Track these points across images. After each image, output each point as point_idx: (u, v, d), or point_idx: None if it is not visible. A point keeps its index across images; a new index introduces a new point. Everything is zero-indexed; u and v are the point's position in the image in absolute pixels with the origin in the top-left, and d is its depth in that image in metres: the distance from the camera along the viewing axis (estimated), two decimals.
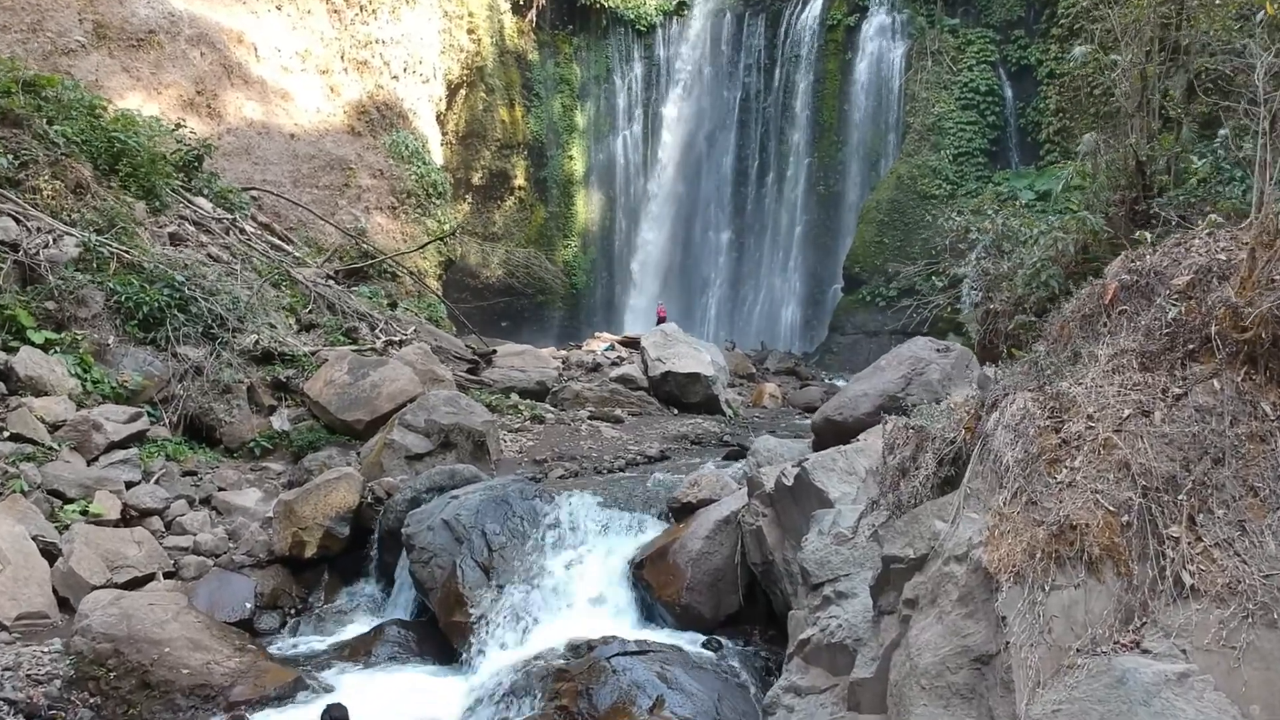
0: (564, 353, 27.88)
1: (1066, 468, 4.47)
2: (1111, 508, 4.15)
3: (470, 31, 35.43)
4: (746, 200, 43.04)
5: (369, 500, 9.48)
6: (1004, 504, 4.48)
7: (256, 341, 11.99)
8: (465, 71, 35.87)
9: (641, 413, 14.97)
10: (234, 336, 11.95)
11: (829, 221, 40.50)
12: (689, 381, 15.29)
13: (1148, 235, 11.22)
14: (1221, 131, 10.04)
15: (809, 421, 16.98)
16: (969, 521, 4.71)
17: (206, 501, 10.31)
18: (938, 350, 8.56)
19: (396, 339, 14.23)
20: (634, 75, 43.84)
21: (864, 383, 8.44)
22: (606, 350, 27.57)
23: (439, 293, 23.32)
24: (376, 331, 14.36)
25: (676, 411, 15.41)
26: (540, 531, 8.43)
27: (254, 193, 19.71)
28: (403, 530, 8.65)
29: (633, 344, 30.99)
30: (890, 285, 34.32)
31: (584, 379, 15.80)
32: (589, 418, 13.99)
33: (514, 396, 14.71)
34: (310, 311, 14.46)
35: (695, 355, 15.60)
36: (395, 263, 19.97)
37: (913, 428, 5.74)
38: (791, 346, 38.59)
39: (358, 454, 11.11)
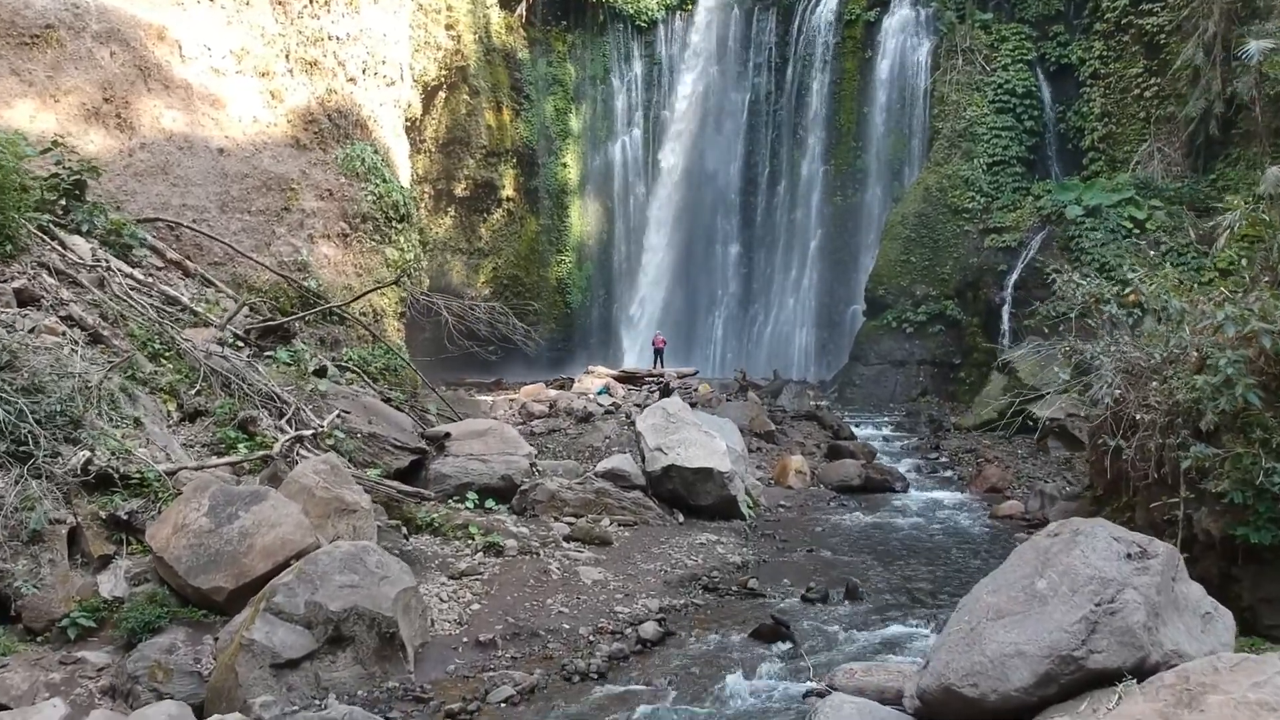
0: (552, 393, 24.35)
1: None
2: None
3: (450, 27, 31.88)
4: (756, 211, 39.70)
5: None
6: None
7: (88, 461, 8.43)
8: (444, 72, 32.32)
9: (637, 522, 11.39)
10: (54, 457, 8.39)
11: (847, 235, 37.06)
12: (698, 479, 11.68)
13: None
14: None
15: (852, 503, 13.10)
16: None
17: None
18: (1129, 558, 4.94)
19: (310, 431, 10.65)
20: (634, 75, 40.48)
21: (1012, 627, 4.81)
22: (600, 394, 24.05)
23: (400, 334, 19.80)
24: (285, 421, 10.78)
25: (682, 519, 11.80)
26: None
27: (167, 222, 16.17)
28: None
29: (630, 380, 27.57)
30: (919, 309, 30.78)
31: (564, 475, 12.19)
32: (565, 539, 10.42)
33: (468, 504, 11.15)
34: (199, 393, 10.91)
35: (706, 442, 11.97)
36: (340, 311, 16.41)
37: None
38: (806, 373, 35.12)
39: (214, 640, 7.56)
